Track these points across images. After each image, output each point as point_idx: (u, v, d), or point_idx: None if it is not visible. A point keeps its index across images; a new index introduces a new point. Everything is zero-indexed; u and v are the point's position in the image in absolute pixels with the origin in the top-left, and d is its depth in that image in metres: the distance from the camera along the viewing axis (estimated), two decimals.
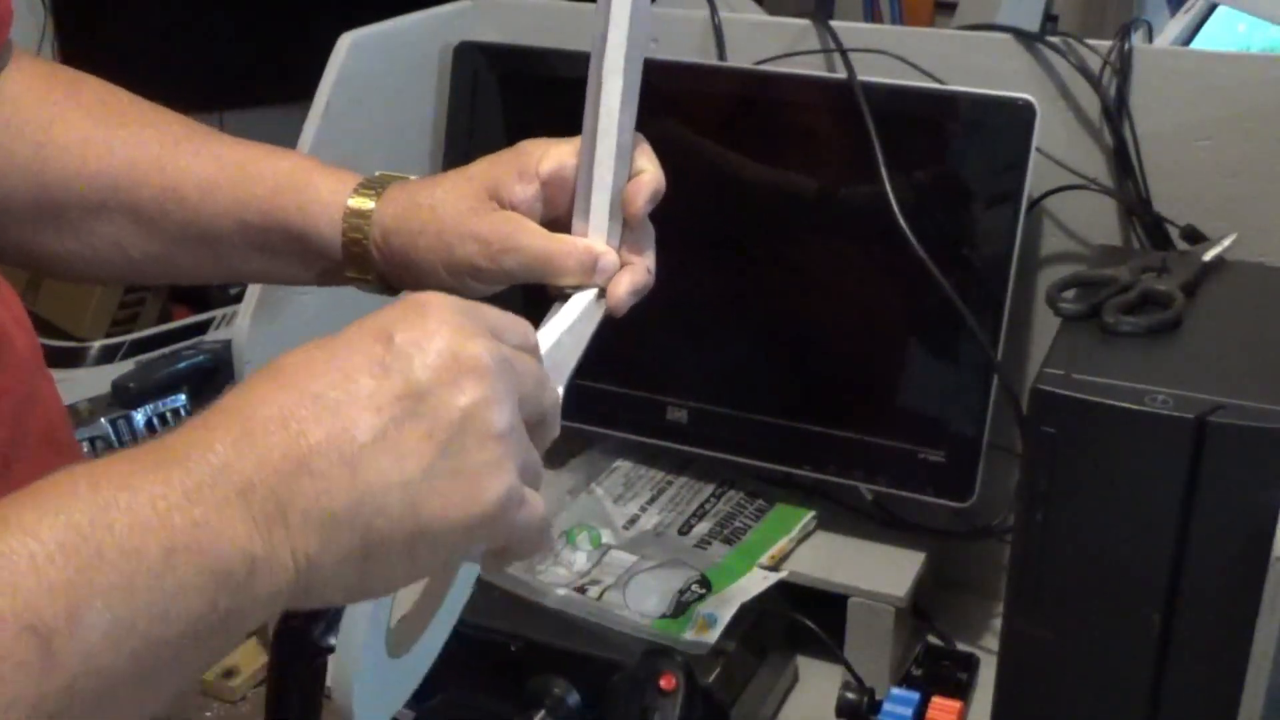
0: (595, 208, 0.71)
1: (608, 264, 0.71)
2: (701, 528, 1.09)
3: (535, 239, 0.70)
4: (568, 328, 0.68)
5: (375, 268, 0.74)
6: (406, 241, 0.71)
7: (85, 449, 1.45)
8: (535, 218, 0.71)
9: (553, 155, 0.72)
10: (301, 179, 0.74)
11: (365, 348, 0.49)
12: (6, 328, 0.62)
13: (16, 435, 0.60)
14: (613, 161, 0.70)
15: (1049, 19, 2.21)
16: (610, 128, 0.69)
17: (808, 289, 1.08)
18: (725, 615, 0.96)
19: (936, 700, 0.96)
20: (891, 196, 0.99)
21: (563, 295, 0.71)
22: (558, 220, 0.72)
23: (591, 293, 0.71)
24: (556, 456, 1.17)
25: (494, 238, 0.69)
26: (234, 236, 0.74)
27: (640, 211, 0.71)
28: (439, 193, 0.72)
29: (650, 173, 0.72)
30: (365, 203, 0.73)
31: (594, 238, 0.72)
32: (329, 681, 0.73)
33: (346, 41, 1.07)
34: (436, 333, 0.50)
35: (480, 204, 0.71)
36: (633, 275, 0.73)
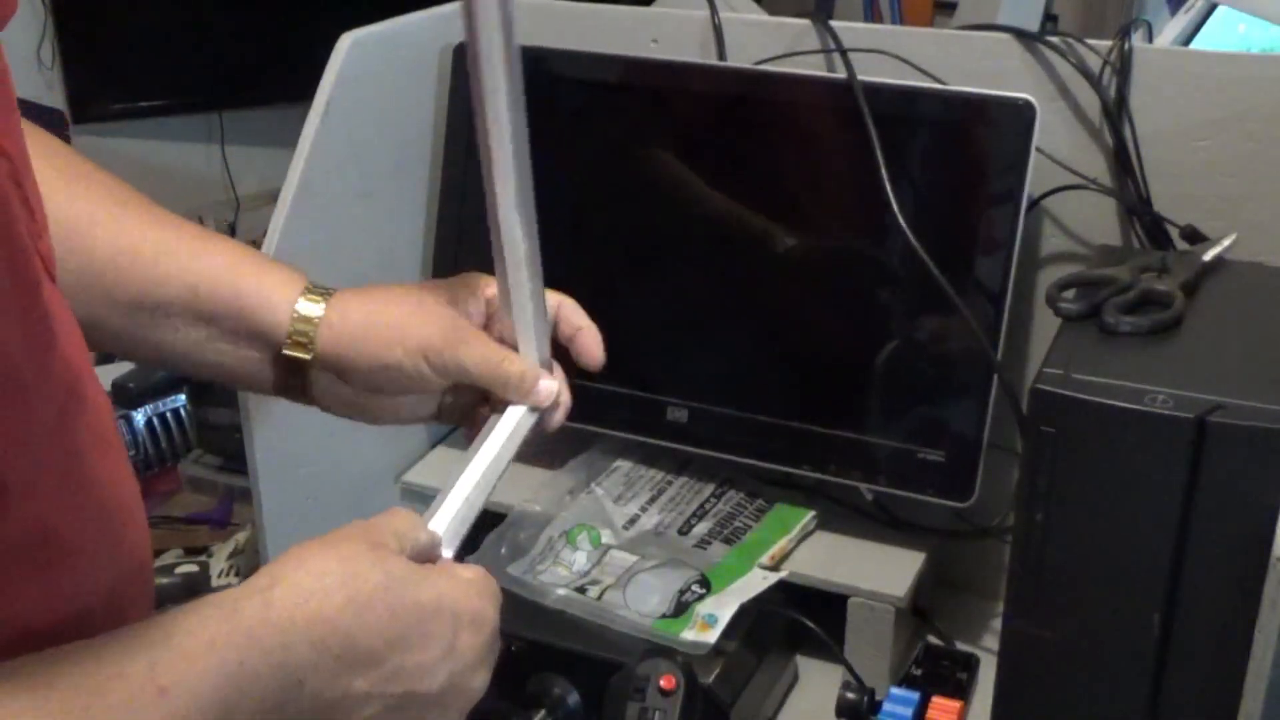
0: (521, 333, 0.74)
1: (544, 390, 0.75)
2: (701, 528, 1.09)
3: (480, 350, 0.73)
4: (501, 443, 0.73)
5: (314, 351, 0.74)
6: (364, 348, 0.74)
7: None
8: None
9: (490, 280, 0.76)
10: (255, 261, 0.76)
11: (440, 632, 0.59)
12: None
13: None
14: (527, 285, 0.71)
15: (1049, 19, 2.21)
16: (518, 257, 0.70)
17: (808, 289, 1.08)
18: (725, 615, 0.96)
19: (936, 700, 0.96)
20: (891, 196, 0.99)
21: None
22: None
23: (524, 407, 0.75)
24: (557, 456, 1.17)
25: (444, 344, 0.73)
26: (177, 305, 0.73)
27: (599, 362, 0.78)
28: (400, 310, 0.75)
29: (587, 328, 0.78)
30: (315, 307, 0.74)
31: (526, 359, 0.74)
32: None
33: (346, 41, 1.07)
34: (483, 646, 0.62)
35: (441, 312, 0.75)
36: (568, 400, 0.77)
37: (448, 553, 0.65)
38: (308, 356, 0.74)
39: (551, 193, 1.17)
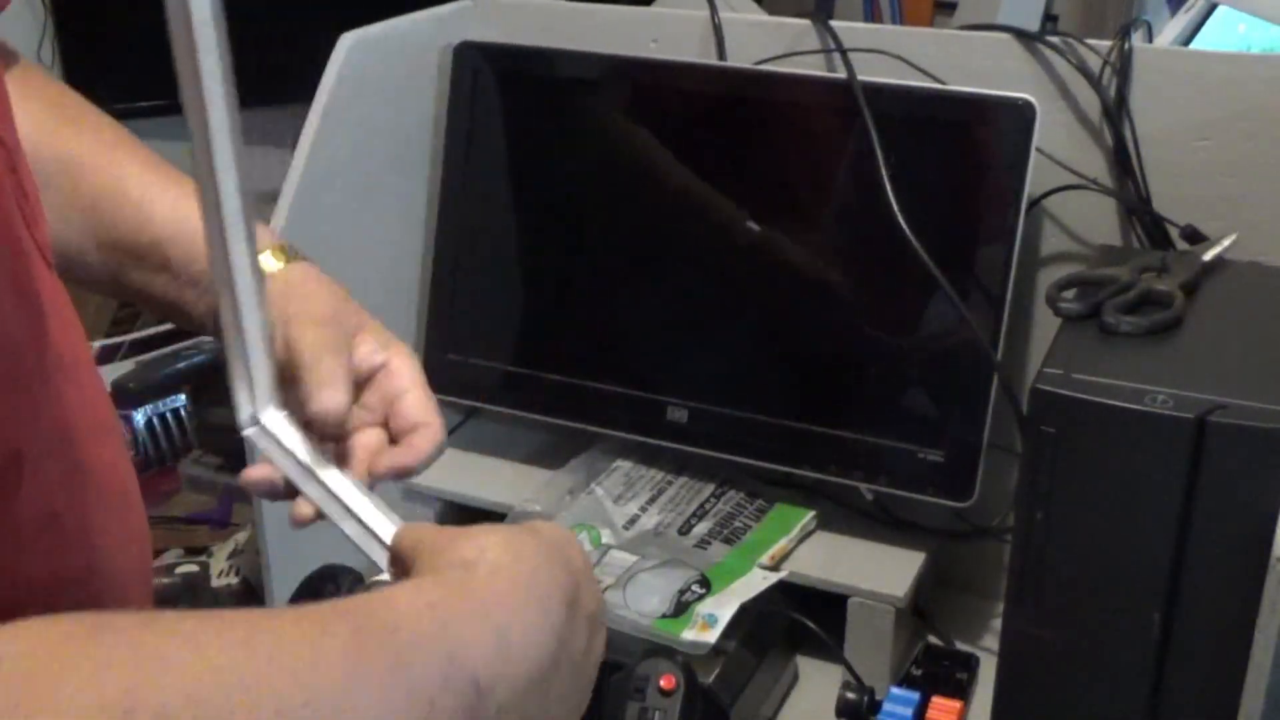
0: (237, 375, 0.61)
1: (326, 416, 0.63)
2: (701, 528, 1.09)
3: (318, 342, 0.66)
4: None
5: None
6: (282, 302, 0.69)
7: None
8: (358, 371, 0.68)
9: (412, 366, 0.69)
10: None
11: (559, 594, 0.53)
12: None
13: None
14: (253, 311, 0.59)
15: (1049, 19, 2.21)
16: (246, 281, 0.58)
17: (808, 289, 1.08)
18: (725, 615, 0.96)
19: (936, 700, 0.96)
20: (891, 196, 0.99)
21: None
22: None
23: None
24: (557, 456, 1.17)
25: (321, 319, 0.67)
26: (156, 250, 0.72)
27: (415, 469, 0.66)
28: (333, 289, 0.71)
29: (428, 425, 0.67)
30: (274, 263, 0.72)
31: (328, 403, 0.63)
32: None
33: (346, 41, 1.07)
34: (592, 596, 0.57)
35: (349, 315, 0.70)
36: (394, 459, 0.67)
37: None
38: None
39: (552, 193, 1.18)
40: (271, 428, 0.60)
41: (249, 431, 0.60)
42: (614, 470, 1.16)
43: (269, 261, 0.72)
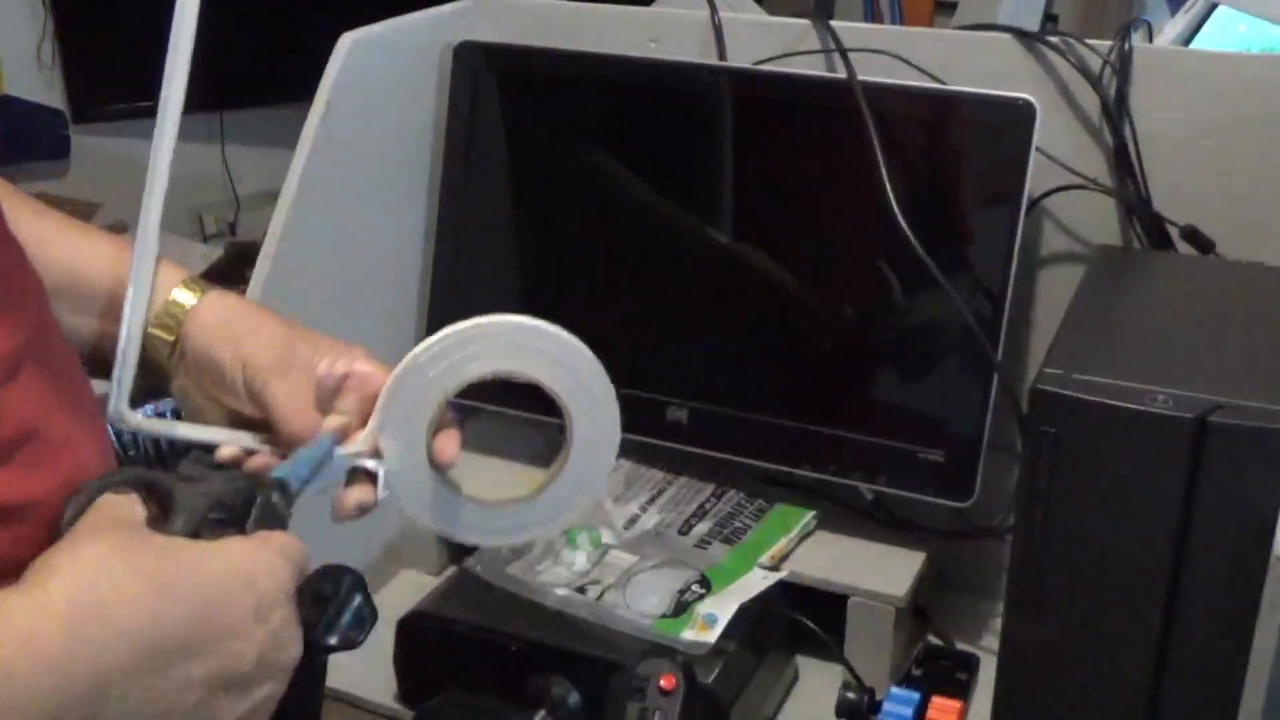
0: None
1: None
2: (701, 528, 1.09)
3: (288, 390, 0.71)
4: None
5: (177, 334, 0.74)
6: (207, 337, 0.73)
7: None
8: (323, 389, 0.73)
9: (371, 363, 0.74)
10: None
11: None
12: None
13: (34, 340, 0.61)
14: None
15: (1049, 19, 2.21)
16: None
17: (808, 289, 1.08)
18: (725, 615, 0.96)
19: (936, 700, 0.96)
20: (891, 196, 0.99)
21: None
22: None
23: None
24: (557, 456, 1.17)
25: (268, 366, 0.71)
26: (62, 291, 0.72)
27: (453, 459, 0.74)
28: (261, 322, 0.74)
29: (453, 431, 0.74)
30: (189, 296, 0.74)
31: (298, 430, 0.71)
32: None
33: (346, 41, 1.07)
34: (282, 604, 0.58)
35: (292, 346, 0.73)
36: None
37: None
38: (170, 338, 0.73)
39: (552, 192, 1.18)
40: (129, 419, 0.73)
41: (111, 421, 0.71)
42: (614, 470, 1.16)
43: (184, 295, 0.73)
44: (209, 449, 0.71)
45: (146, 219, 0.69)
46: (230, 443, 0.72)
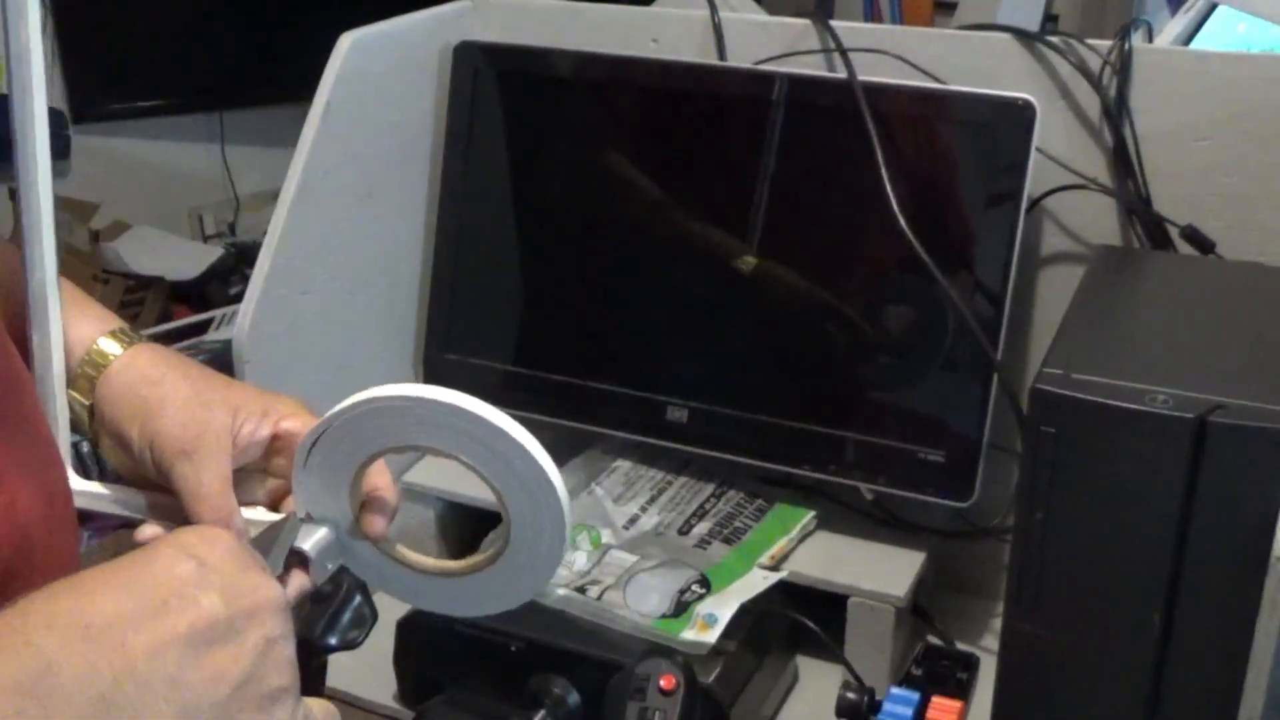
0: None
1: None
2: (701, 528, 1.09)
3: (195, 473, 0.68)
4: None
5: (92, 398, 0.71)
6: (116, 409, 0.71)
7: (85, 448, 1.46)
8: (250, 455, 0.71)
9: (299, 418, 0.71)
10: (76, 300, 0.73)
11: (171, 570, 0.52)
12: None
13: None
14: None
15: (1049, 19, 2.21)
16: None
17: (807, 288, 1.08)
18: (725, 615, 0.96)
19: (936, 700, 0.96)
20: (891, 196, 0.99)
21: None
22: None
23: None
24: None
25: (177, 445, 0.68)
26: None
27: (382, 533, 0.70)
28: (173, 389, 0.70)
29: (388, 490, 0.71)
30: (114, 346, 0.71)
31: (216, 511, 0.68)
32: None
33: (346, 41, 1.07)
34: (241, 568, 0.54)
35: (207, 416, 0.70)
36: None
37: None
38: (86, 402, 0.71)
39: (551, 192, 1.18)
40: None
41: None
42: (614, 470, 1.16)
43: (109, 345, 0.71)
44: (132, 526, 0.68)
45: (43, 276, 0.65)
46: (151, 524, 0.69)
